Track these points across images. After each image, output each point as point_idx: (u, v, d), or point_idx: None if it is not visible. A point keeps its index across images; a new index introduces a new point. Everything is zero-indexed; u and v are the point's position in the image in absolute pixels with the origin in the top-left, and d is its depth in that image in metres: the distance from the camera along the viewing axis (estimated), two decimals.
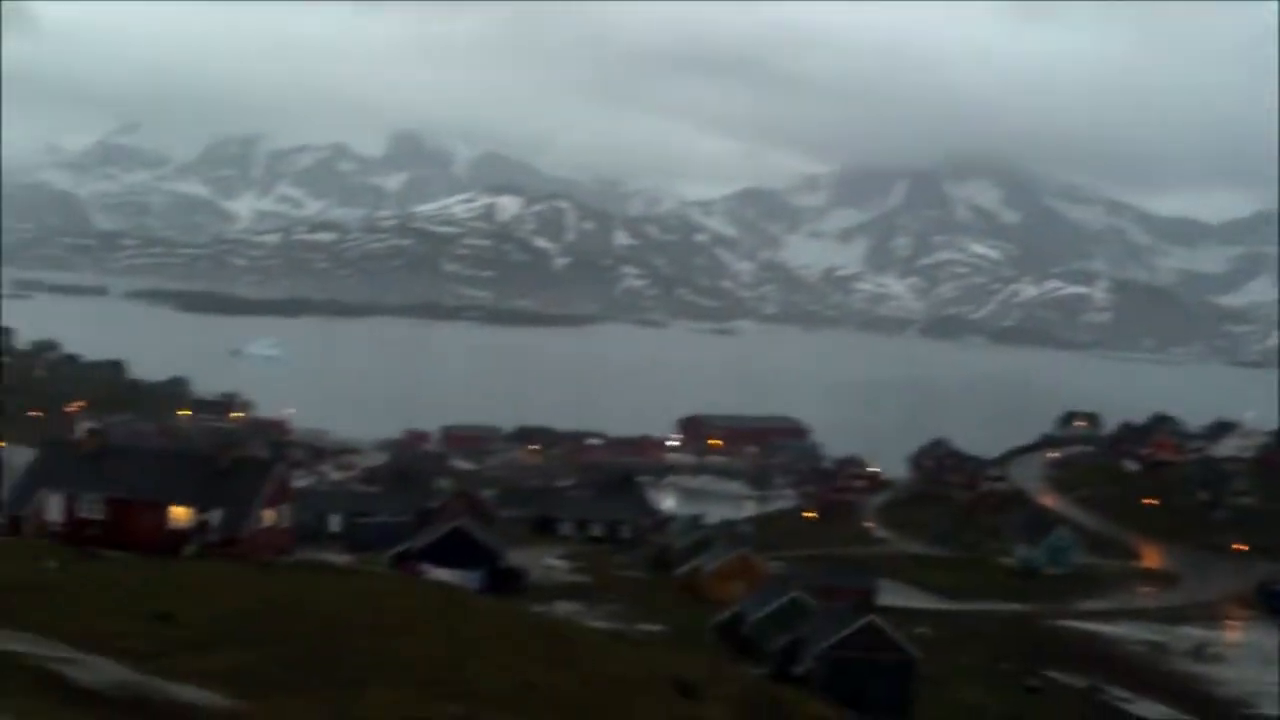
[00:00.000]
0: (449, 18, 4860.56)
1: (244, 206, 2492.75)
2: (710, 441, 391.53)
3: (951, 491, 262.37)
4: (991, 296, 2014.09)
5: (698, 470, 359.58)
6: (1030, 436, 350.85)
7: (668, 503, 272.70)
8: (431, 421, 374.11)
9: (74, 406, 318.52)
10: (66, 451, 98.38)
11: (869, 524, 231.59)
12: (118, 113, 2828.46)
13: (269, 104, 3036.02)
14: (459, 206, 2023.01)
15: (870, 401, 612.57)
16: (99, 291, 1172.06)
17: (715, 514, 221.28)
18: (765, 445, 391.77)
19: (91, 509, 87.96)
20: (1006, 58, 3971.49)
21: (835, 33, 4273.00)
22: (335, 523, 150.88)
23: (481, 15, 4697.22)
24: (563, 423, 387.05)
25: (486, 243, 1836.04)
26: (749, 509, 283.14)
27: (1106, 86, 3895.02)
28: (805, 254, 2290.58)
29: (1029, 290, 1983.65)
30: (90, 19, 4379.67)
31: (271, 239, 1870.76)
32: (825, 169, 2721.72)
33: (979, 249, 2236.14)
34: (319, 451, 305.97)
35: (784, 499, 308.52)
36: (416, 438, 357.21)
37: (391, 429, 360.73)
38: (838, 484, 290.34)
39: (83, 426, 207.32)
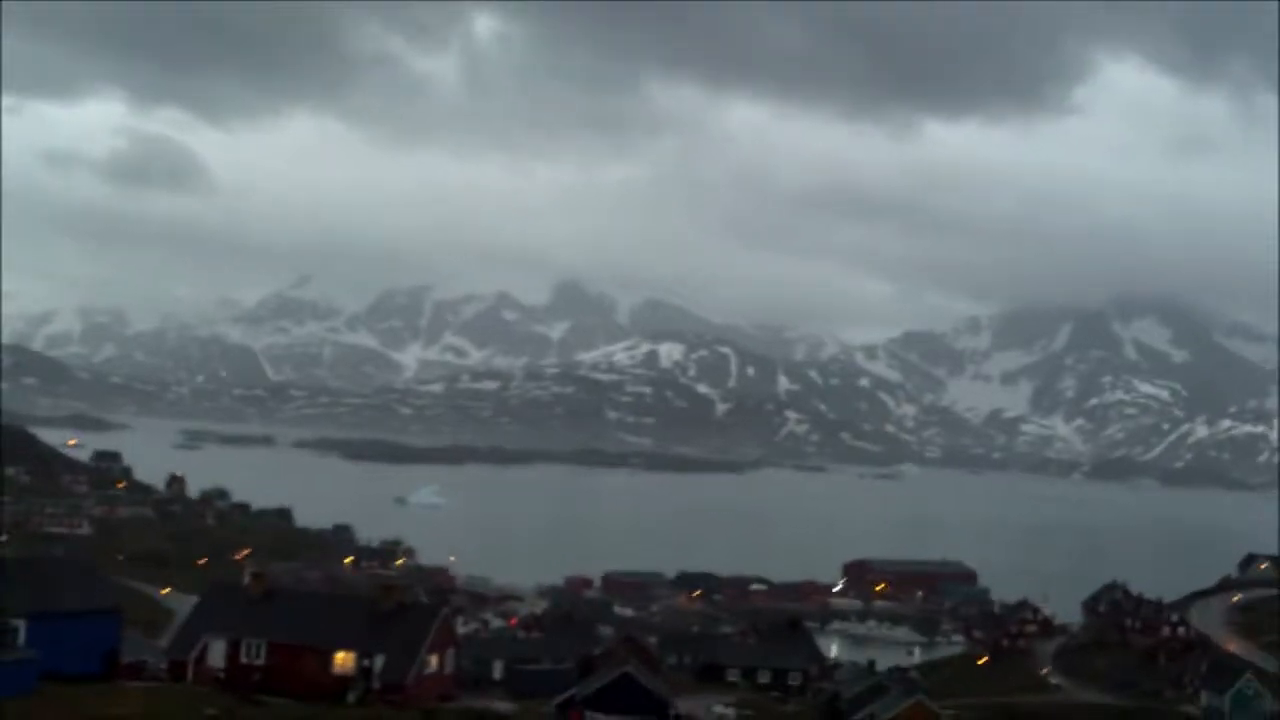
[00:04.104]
0: (607, 165, 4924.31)
1: (410, 357, 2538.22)
2: (876, 586, 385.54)
3: (1129, 637, 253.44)
4: (1162, 437, 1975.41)
5: (864, 616, 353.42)
6: (1209, 580, 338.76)
7: (835, 649, 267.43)
8: (593, 568, 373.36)
9: (241, 554, 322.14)
10: (231, 596, 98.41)
11: (1043, 670, 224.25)
12: (290, 267, 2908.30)
13: (435, 255, 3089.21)
14: (621, 354, 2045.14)
15: (1039, 545, 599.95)
16: (266, 441, 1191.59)
17: (883, 660, 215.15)
18: (932, 590, 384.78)
19: (255, 654, 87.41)
20: (1170, 194, 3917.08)
21: (991, 173, 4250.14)
22: (498, 669, 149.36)
23: (638, 162, 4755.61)
24: (725, 569, 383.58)
25: (648, 389, 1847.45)
26: (917, 655, 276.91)
27: (1276, 220, 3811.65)
28: (969, 397, 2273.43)
29: (1201, 430, 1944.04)
30: (261, 177, 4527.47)
31: (436, 388, 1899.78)
32: (988, 311, 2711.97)
33: (1148, 389, 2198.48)
34: (481, 598, 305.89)
35: (953, 645, 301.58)
36: (579, 584, 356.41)
37: (553, 576, 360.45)
38: (1009, 629, 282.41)
39: (248, 572, 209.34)
